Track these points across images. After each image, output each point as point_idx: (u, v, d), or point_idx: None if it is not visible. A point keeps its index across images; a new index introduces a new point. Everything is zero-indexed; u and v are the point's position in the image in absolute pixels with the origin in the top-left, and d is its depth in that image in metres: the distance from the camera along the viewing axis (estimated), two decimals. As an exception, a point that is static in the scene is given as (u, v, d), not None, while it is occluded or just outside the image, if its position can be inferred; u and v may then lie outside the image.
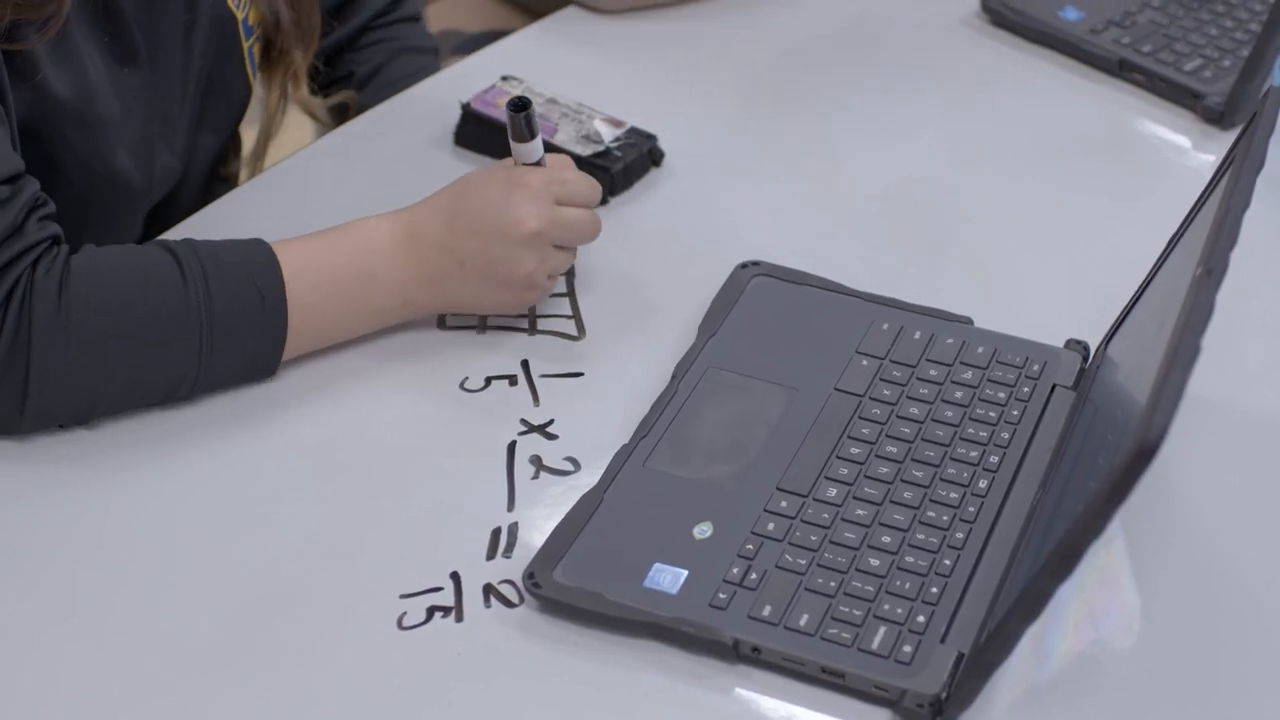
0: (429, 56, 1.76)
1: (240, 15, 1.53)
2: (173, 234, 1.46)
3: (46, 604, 1.19)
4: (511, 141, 1.37)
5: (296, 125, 1.74)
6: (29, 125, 1.35)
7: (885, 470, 1.25)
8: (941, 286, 1.44)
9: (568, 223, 1.37)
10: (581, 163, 1.51)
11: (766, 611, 1.15)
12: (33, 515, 1.24)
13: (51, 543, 1.23)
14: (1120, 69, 1.73)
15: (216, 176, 1.62)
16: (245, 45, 1.54)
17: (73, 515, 1.24)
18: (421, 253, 1.34)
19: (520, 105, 1.35)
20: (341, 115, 1.70)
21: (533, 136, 1.36)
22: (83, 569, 1.21)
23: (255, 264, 1.30)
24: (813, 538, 1.20)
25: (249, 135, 1.68)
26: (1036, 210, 1.57)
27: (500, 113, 1.55)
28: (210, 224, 1.48)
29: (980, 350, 1.35)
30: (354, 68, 1.73)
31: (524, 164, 1.37)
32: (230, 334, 1.28)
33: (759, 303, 1.40)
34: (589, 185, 1.40)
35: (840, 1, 1.85)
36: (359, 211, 1.37)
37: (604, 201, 1.52)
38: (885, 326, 1.37)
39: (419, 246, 1.34)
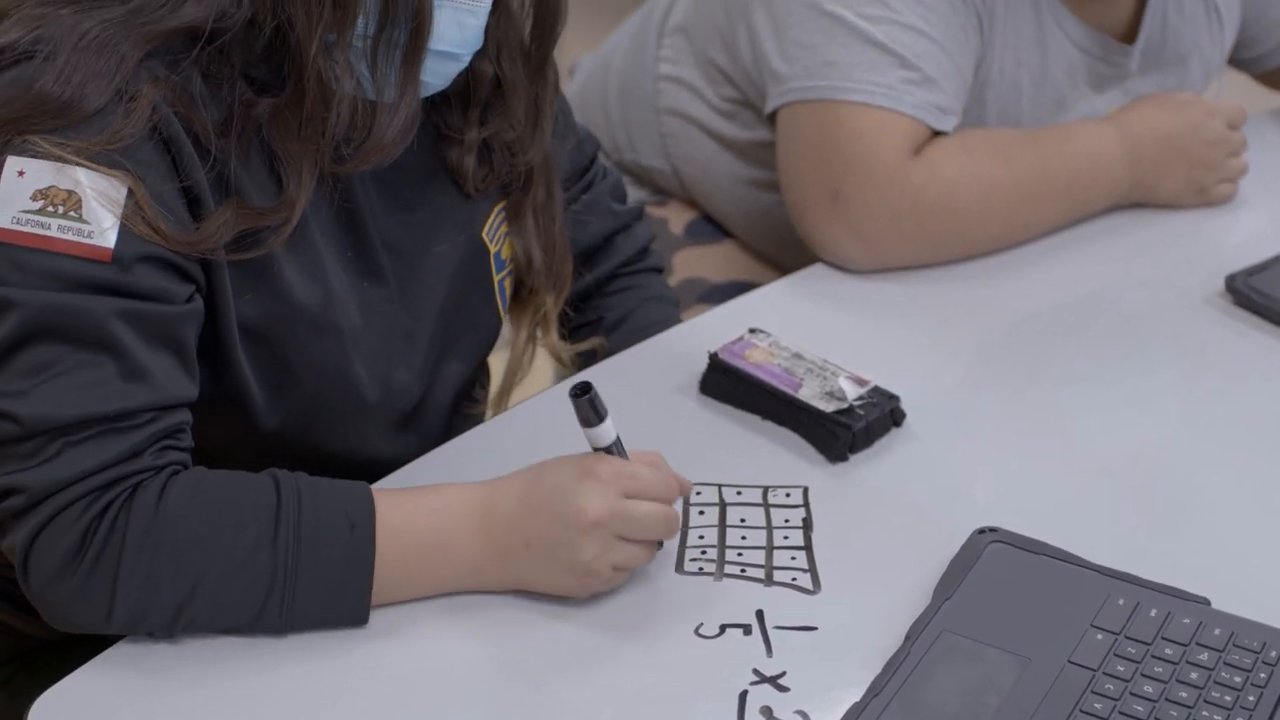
0: (673, 308, 1.79)
1: (494, 248, 1.57)
2: (414, 466, 1.50)
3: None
4: (581, 427, 1.37)
5: (539, 363, 1.77)
6: (266, 326, 1.39)
7: (1117, 747, 1.25)
8: (1178, 562, 1.44)
9: (633, 517, 1.36)
10: (824, 419, 1.54)
11: None
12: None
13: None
14: (1364, 355, 1.72)
15: (461, 410, 1.64)
16: (496, 278, 1.58)
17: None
18: (493, 526, 1.36)
19: (583, 390, 1.34)
20: (587, 360, 1.72)
21: (600, 420, 1.36)
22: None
23: (351, 495, 1.34)
24: (1042, 811, 1.20)
25: (497, 368, 1.70)
26: (1276, 492, 1.56)
27: (749, 365, 1.59)
28: (452, 457, 1.53)
29: (1217, 632, 1.34)
30: (602, 313, 1.75)
31: (598, 448, 1.37)
32: (317, 556, 1.31)
33: (995, 569, 1.40)
34: (663, 483, 1.39)
35: (1083, 273, 1.87)
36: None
37: (844, 458, 1.54)
38: (1121, 602, 1.37)
39: (492, 520, 1.36)
